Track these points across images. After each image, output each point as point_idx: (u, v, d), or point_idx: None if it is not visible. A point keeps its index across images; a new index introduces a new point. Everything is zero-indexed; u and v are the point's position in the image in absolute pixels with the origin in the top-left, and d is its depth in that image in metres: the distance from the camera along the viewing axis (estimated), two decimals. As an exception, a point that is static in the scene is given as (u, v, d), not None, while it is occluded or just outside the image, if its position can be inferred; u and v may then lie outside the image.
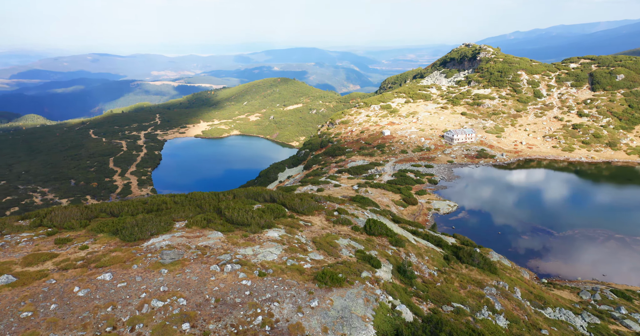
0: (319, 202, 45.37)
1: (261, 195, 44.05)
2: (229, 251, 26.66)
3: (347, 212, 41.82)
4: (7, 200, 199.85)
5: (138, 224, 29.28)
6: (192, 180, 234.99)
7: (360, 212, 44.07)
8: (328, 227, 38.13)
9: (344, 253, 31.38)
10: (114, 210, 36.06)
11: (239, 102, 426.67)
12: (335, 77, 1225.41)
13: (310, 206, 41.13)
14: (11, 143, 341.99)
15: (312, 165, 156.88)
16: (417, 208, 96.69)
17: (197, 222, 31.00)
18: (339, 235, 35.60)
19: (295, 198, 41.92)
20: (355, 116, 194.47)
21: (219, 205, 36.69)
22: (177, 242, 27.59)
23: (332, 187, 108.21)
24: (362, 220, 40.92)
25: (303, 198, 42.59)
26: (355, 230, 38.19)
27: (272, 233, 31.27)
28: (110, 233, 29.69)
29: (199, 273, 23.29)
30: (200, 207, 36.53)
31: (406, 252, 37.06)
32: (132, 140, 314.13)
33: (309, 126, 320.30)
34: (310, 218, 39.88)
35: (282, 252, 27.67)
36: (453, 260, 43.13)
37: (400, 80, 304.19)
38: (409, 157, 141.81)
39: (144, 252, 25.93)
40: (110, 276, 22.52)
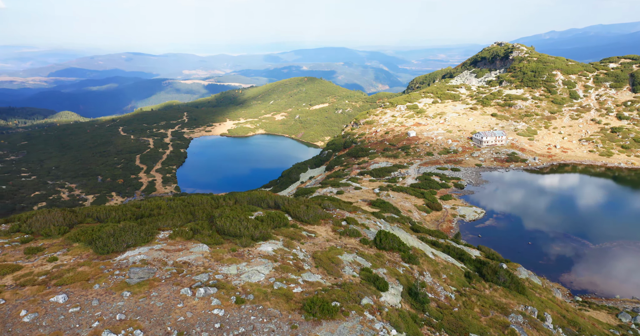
0: (327, 209, 41.60)
1: (265, 200, 40.61)
2: (210, 269, 23.21)
3: (356, 221, 37.89)
4: (35, 195, 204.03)
5: (115, 234, 26.21)
6: (215, 179, 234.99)
7: (372, 222, 40.05)
8: (333, 239, 34.32)
9: (346, 272, 27.53)
10: (101, 215, 33.26)
11: (266, 101, 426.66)
12: (364, 77, 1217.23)
13: (316, 214, 37.40)
14: (44, 139, 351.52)
15: (334, 166, 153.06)
16: (441, 214, 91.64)
17: (182, 233, 27.74)
18: (344, 249, 31.75)
19: (301, 206, 38.28)
20: (380, 116, 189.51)
21: (213, 212, 33.38)
22: (154, 257, 24.35)
23: (352, 190, 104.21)
24: (372, 232, 36.93)
25: (309, 205, 38.90)
26: (364, 244, 34.22)
27: (265, 247, 27.69)
28: (86, 242, 26.74)
29: (167, 297, 19.89)
30: (193, 214, 33.32)
31: (420, 270, 32.86)
32: (159, 137, 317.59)
33: (335, 126, 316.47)
34: (315, 228, 36.15)
35: (271, 271, 24.05)
36: (475, 278, 38.60)
37: (429, 80, 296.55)
38: (435, 159, 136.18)
39: (113, 268, 22.77)
40: (64, 298, 19.39)
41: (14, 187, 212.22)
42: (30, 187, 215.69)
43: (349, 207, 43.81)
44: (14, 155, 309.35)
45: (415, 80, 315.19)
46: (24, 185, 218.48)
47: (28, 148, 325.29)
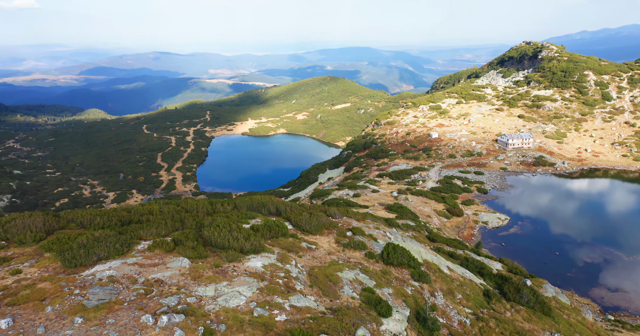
0: (333, 217, 38.31)
1: (266, 206, 37.62)
2: (183, 290, 20.29)
3: (363, 232, 34.49)
4: (58, 192, 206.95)
5: (87, 245, 23.60)
6: (235, 178, 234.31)
7: (381, 233, 36.57)
8: (336, 252, 31.06)
9: (345, 293, 24.27)
10: (85, 220, 30.82)
11: (288, 100, 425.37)
12: (388, 77, 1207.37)
13: (320, 223, 34.18)
14: (71, 136, 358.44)
15: (352, 168, 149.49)
16: (462, 220, 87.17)
17: (163, 244, 24.96)
18: (346, 264, 28.47)
19: (303, 213, 35.13)
20: (402, 117, 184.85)
21: (203, 220, 30.55)
22: (124, 273, 21.60)
23: (369, 193, 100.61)
24: (380, 244, 33.48)
25: (313, 213, 35.70)
26: (370, 258, 30.83)
27: (254, 263, 24.65)
28: (58, 253, 24.22)
29: (123, 326, 17.03)
30: (182, 222, 30.57)
31: (431, 290, 29.30)
32: (181, 136, 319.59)
33: (356, 126, 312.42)
34: (317, 238, 32.96)
35: (255, 293, 20.98)
36: (495, 297, 34.70)
37: (454, 80, 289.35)
38: (457, 162, 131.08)
39: (76, 286, 20.11)
40: (8, 324, 16.76)
41: (38, 182, 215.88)
42: (53, 183, 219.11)
43: (358, 215, 40.43)
44: (41, 151, 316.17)
45: (439, 80, 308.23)
46: (48, 181, 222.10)
47: (55, 145, 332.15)
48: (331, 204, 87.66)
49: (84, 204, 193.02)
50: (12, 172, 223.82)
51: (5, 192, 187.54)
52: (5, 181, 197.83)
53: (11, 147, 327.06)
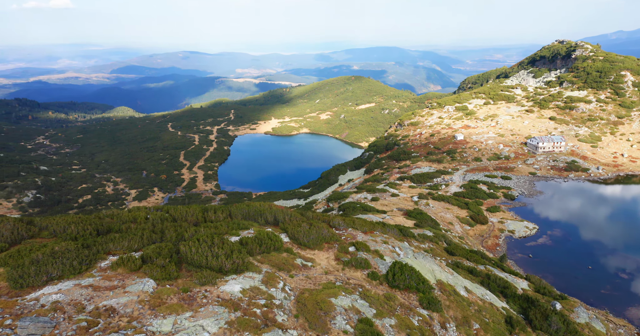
0: (336, 228, 34.50)
1: (263, 215, 34.14)
2: (135, 323, 16.93)
3: (367, 247, 30.58)
4: (82, 188, 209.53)
5: (41, 261, 20.57)
6: (256, 178, 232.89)
7: (389, 248, 32.53)
8: (334, 271, 27.31)
9: (336, 325, 20.55)
10: (58, 227, 27.98)
11: (311, 100, 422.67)
12: (415, 77, 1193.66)
13: (320, 236, 30.47)
14: (98, 133, 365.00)
15: (373, 169, 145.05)
16: (486, 228, 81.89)
17: (129, 261, 21.70)
18: (343, 287, 24.71)
19: (302, 224, 31.48)
20: (426, 117, 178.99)
21: (185, 231, 27.25)
22: (73, 298, 18.42)
23: (388, 197, 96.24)
24: (386, 263, 29.51)
25: (313, 224, 32.01)
26: (372, 279, 26.95)
27: (231, 286, 21.13)
28: (12, 268, 21.31)
29: (43, 374, 13.81)
30: (162, 233, 27.36)
31: (442, 320, 25.19)
32: (204, 134, 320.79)
33: (380, 126, 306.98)
34: (315, 254, 29.27)
35: (222, 327, 17.46)
36: (519, 325, 30.26)
37: (482, 80, 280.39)
38: (483, 165, 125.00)
39: (13, 313, 17.03)
40: None
41: (63, 179, 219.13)
42: (78, 180, 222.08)
43: (365, 226, 36.49)
44: (69, 147, 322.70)
45: (467, 80, 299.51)
46: (73, 177, 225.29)
47: (82, 142, 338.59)
48: (347, 208, 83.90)
49: (106, 201, 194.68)
50: (39, 167, 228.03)
51: (30, 188, 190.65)
52: (31, 177, 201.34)
53: (41, 143, 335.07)
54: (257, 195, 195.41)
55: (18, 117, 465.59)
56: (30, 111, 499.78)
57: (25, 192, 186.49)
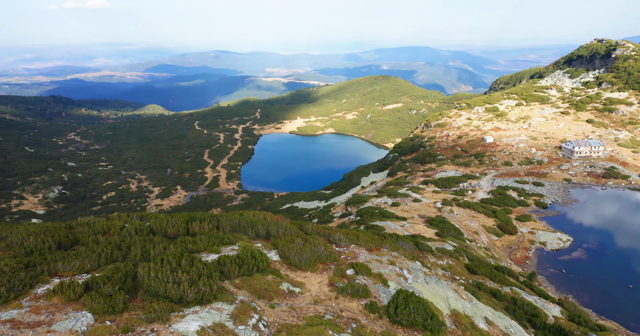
0: (337, 245, 30.16)
1: (254, 226, 30.14)
2: (41, 380, 13.18)
3: (369, 270, 26.11)
4: (107, 185, 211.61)
5: (-38, 287, 17.13)
6: (279, 177, 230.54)
7: (396, 270, 27.91)
8: (326, 300, 23.03)
9: (315, 379, 16.30)
10: (16, 239, 24.67)
11: (338, 100, 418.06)
12: (446, 77, 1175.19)
13: (314, 255, 26.26)
14: (128, 130, 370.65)
15: (396, 172, 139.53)
16: (515, 239, 75.76)
17: (66, 289, 18.01)
18: (334, 322, 20.45)
19: (296, 240, 27.35)
20: (454, 118, 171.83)
21: (154, 248, 23.48)
22: (-20, 339, 14.85)
23: (410, 202, 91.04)
24: (390, 290, 24.98)
25: (309, 240, 27.81)
26: (371, 311, 22.53)
27: (185, 325, 17.15)
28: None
29: None
30: (128, 249, 23.68)
31: (453, 369, 20.59)
32: (230, 133, 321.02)
33: (407, 127, 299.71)
34: (306, 277, 25.08)
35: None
36: (549, 369, 25.24)
37: (515, 80, 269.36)
38: (514, 170, 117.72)
39: None
40: None
41: (90, 175, 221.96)
42: (104, 176, 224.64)
43: (372, 242, 31.92)
44: (98, 144, 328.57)
45: (498, 80, 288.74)
46: (99, 174, 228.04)
47: (111, 139, 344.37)
48: (365, 213, 79.39)
49: (129, 198, 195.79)
50: (67, 163, 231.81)
51: (56, 184, 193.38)
52: (58, 173, 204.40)
53: (72, 140, 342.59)
54: (279, 196, 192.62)
55: (52, 113, 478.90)
56: (64, 108, 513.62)
57: (51, 187, 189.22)
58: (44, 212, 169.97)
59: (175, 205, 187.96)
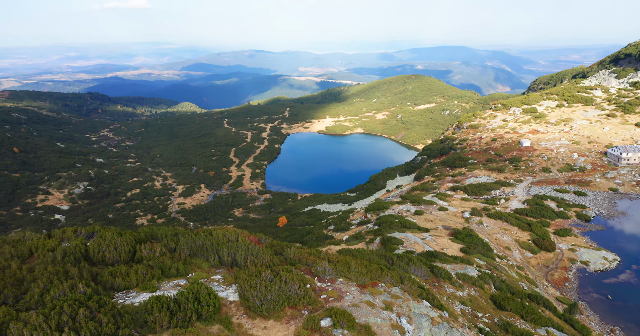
0: (319, 278, 23.73)
1: (219, 251, 24.08)
2: None
3: (351, 320, 19.49)
4: (132, 182, 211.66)
5: None
6: (303, 178, 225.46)
7: (391, 318, 21.16)
8: (285, 368, 16.77)
9: None
10: None
11: (369, 99, 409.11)
12: (482, 77, 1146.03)
13: (282, 296, 19.96)
14: (158, 127, 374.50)
15: (423, 176, 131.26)
16: (553, 257, 67.12)
17: None
18: None
19: (264, 273, 21.15)
20: (488, 120, 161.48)
21: (56, 288, 17.76)
22: None
23: (435, 210, 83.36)
24: (377, 353, 18.43)
25: (282, 272, 21.53)
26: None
27: None
28: None
29: None
30: (29, 286, 18.08)
31: None
32: (257, 131, 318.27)
33: (439, 128, 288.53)
34: (267, 327, 18.84)
35: None
36: None
37: (555, 80, 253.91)
38: (553, 177, 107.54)
39: None
40: None
41: (116, 172, 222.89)
42: (130, 173, 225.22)
43: (368, 273, 25.21)
44: (129, 141, 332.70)
45: (538, 80, 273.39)
46: (125, 170, 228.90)
47: (142, 135, 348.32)
48: (384, 223, 72.52)
49: (153, 196, 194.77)
50: (95, 159, 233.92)
51: (83, 179, 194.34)
52: (85, 168, 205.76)
53: (105, 136, 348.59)
54: (303, 197, 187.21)
55: (89, 110, 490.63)
56: (100, 104, 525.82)
57: (77, 183, 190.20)
58: (68, 208, 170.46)
59: (198, 203, 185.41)
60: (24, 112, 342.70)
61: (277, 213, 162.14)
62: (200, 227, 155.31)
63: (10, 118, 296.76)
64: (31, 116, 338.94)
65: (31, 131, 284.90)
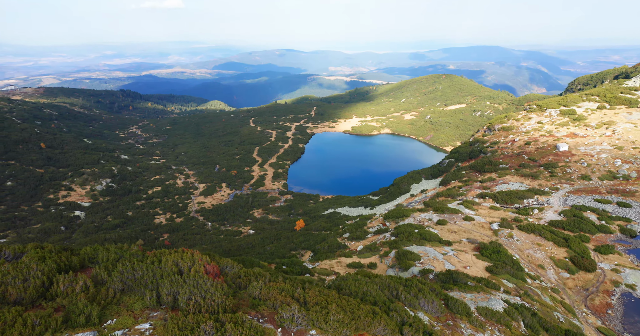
0: (286, 330, 17.98)
1: (161, 286, 18.67)
2: None
3: None
4: (155, 179, 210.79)
5: None
6: (326, 179, 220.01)
7: None
8: None
9: None
10: None
11: (397, 99, 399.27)
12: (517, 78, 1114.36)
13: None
14: (185, 125, 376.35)
15: (450, 181, 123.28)
16: (593, 278, 59.11)
17: None
18: None
19: (203, 326, 15.53)
20: (522, 121, 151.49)
21: None
22: None
23: (460, 220, 76.18)
24: None
25: (228, 327, 15.89)
26: None
27: None
28: None
29: None
30: None
31: None
32: (282, 130, 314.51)
33: (469, 130, 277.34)
34: None
35: None
36: None
37: (595, 81, 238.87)
38: (593, 186, 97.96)
39: None
40: None
41: (140, 169, 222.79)
42: (153, 170, 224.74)
43: (355, 319, 19.38)
44: (156, 138, 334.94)
45: (576, 81, 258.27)
46: (149, 167, 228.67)
47: (170, 133, 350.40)
48: (402, 233, 66.10)
49: (174, 194, 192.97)
50: (120, 156, 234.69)
51: (106, 176, 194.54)
52: (109, 165, 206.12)
53: (133, 133, 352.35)
54: (324, 198, 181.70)
55: (120, 107, 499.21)
56: (131, 102, 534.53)
57: (100, 179, 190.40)
58: (89, 205, 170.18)
59: (218, 203, 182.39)
60: (56, 108, 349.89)
61: (297, 215, 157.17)
62: (217, 228, 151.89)
63: (41, 114, 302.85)
64: (63, 112, 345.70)
65: (61, 127, 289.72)
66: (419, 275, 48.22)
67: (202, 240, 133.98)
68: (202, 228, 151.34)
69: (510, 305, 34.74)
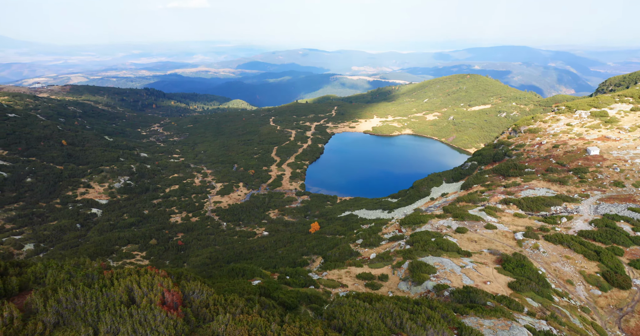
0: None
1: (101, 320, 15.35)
2: None
3: None
4: (173, 177, 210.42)
5: None
6: (345, 180, 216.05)
7: None
8: None
9: None
10: None
11: (419, 99, 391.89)
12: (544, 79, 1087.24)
13: None
14: (207, 123, 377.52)
15: (472, 185, 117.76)
16: (627, 296, 53.70)
17: None
18: None
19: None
20: (549, 123, 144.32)
21: None
22: None
23: (481, 228, 71.39)
24: None
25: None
26: None
27: None
28: None
29: None
30: None
31: None
32: (302, 130, 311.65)
33: (494, 131, 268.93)
34: None
35: None
36: None
37: (629, 81, 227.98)
38: (627, 193, 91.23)
39: None
40: None
41: (159, 167, 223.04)
42: (171, 169, 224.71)
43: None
44: (177, 136, 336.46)
45: (608, 81, 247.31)
46: (168, 166, 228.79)
47: (191, 131, 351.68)
48: (417, 241, 61.96)
49: (191, 193, 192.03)
50: (139, 154, 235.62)
51: (124, 174, 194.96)
52: (127, 163, 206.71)
53: (155, 131, 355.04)
54: (342, 200, 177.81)
55: (144, 105, 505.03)
56: (155, 100, 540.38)
57: (118, 177, 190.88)
58: (106, 202, 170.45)
59: (234, 203, 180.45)
60: (80, 106, 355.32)
61: (313, 217, 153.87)
62: (232, 228, 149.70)
63: (65, 112, 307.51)
64: (87, 110, 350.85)
65: (84, 124, 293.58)
66: (433, 291, 44.07)
67: (215, 240, 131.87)
68: (216, 228, 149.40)
69: (535, 335, 30.33)
